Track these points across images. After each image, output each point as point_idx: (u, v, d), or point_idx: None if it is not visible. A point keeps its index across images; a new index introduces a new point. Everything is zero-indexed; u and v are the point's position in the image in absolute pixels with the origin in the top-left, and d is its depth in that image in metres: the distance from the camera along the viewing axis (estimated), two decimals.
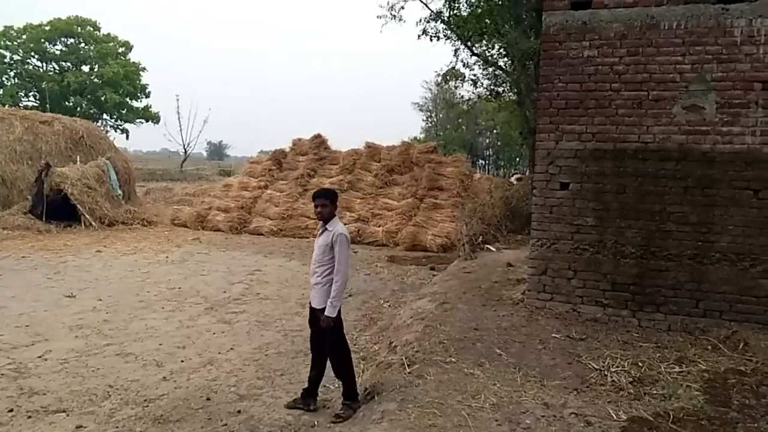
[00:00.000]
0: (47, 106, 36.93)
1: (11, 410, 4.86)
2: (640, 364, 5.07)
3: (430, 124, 56.09)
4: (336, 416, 4.77)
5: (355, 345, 6.98)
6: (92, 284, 9.72)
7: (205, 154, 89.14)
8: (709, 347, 5.54)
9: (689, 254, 6.10)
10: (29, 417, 4.77)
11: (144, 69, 49.01)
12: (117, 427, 4.63)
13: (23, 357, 6.13)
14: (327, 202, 4.92)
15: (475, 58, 18.71)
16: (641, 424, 4.04)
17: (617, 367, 4.99)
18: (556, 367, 5.06)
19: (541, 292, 6.72)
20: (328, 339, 4.93)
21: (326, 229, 4.92)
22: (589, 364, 5.10)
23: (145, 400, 5.17)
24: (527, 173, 23.57)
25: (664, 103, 6.18)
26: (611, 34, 6.36)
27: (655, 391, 4.58)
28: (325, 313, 4.79)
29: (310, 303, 5.05)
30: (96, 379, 5.61)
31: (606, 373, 4.89)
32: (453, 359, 5.18)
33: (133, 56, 49.60)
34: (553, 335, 5.85)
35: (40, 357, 6.16)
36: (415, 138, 44.69)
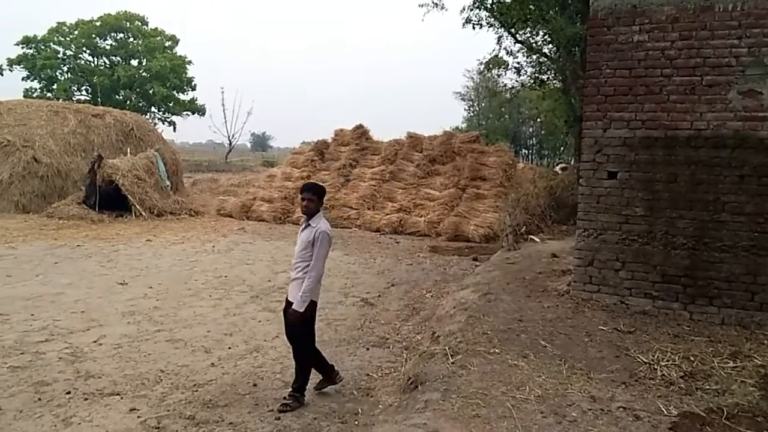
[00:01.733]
0: (99, 99, 38.07)
1: (69, 392, 5.08)
2: (692, 358, 4.92)
3: (472, 114, 55.38)
4: (283, 405, 4.83)
5: (397, 335, 7.02)
6: (143, 272, 10.04)
7: (249, 145, 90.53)
8: (766, 342, 5.34)
9: (745, 245, 5.87)
10: (86, 399, 4.97)
11: (190, 62, 49.89)
12: (168, 410, 4.78)
13: (79, 342, 6.39)
14: (314, 197, 4.95)
15: (518, 45, 18.29)
16: (693, 420, 3.93)
17: (667, 360, 4.86)
18: (603, 360, 4.96)
19: (588, 284, 6.59)
20: (289, 330, 5.01)
21: (309, 224, 4.94)
22: (638, 357, 4.98)
23: (195, 385, 5.32)
24: (572, 162, 23.08)
25: (719, 88, 5.94)
26: (662, 18, 6.14)
27: (707, 387, 4.44)
28: (293, 306, 4.83)
29: (287, 296, 5.10)
30: (148, 364, 5.81)
31: (656, 366, 4.76)
32: (497, 350, 5.14)
33: (179, 50, 50.62)
34: (600, 327, 5.74)
35: (95, 342, 6.40)
36: (457, 127, 44.20)
